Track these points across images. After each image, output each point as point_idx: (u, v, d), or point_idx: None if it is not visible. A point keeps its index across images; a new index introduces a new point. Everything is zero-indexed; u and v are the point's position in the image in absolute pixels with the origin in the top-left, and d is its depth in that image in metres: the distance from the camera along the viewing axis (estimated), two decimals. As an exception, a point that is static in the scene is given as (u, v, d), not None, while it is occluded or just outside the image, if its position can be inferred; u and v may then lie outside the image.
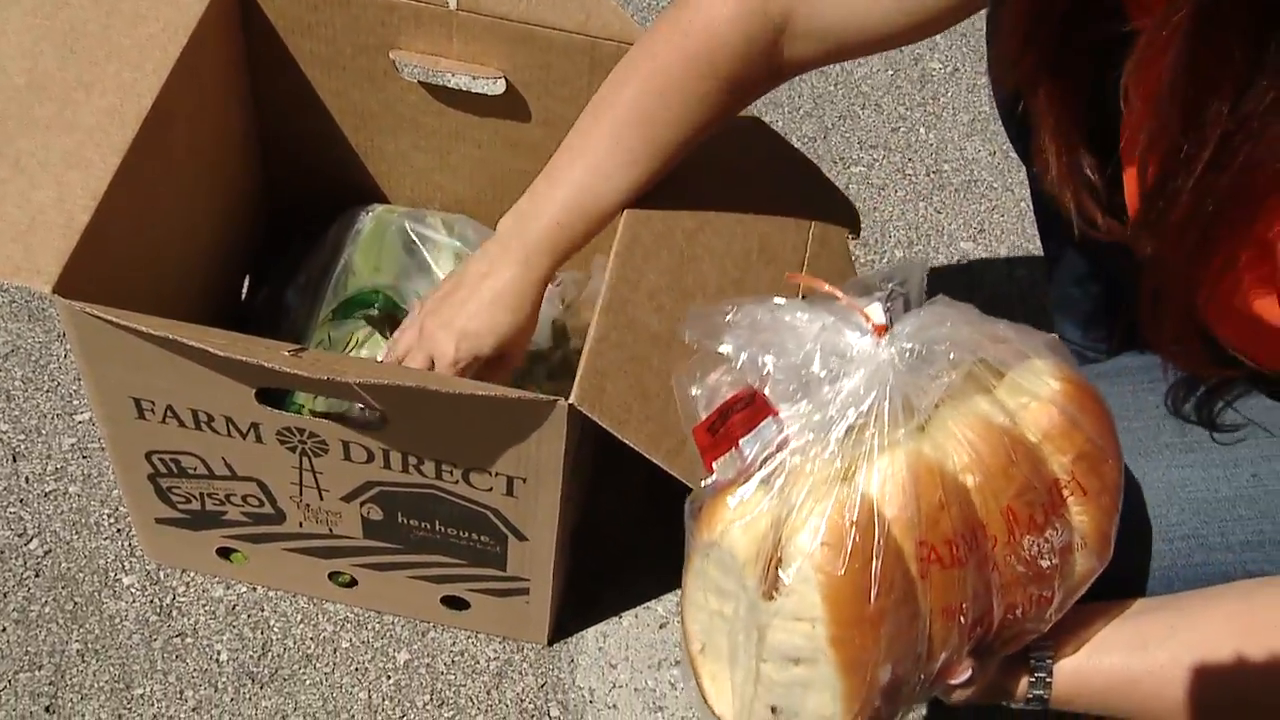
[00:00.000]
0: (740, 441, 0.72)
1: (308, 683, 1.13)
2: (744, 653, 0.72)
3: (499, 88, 1.12)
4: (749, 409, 0.72)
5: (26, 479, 1.21)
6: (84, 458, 1.23)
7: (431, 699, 1.13)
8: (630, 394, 0.91)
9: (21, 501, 1.20)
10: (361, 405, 0.89)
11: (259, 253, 1.29)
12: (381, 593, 1.13)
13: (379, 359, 1.05)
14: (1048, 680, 0.77)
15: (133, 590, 1.16)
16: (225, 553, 1.13)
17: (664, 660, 1.17)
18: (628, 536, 1.24)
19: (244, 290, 1.28)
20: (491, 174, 1.21)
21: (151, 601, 1.15)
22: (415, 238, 1.17)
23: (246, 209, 1.25)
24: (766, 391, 0.72)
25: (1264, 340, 0.76)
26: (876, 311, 0.71)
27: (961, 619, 0.70)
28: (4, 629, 1.13)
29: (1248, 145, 0.64)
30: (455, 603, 1.13)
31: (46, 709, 1.09)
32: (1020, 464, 0.71)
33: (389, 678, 1.14)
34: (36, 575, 1.16)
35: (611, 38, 1.06)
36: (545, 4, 1.05)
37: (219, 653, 1.14)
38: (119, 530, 1.19)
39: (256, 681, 1.12)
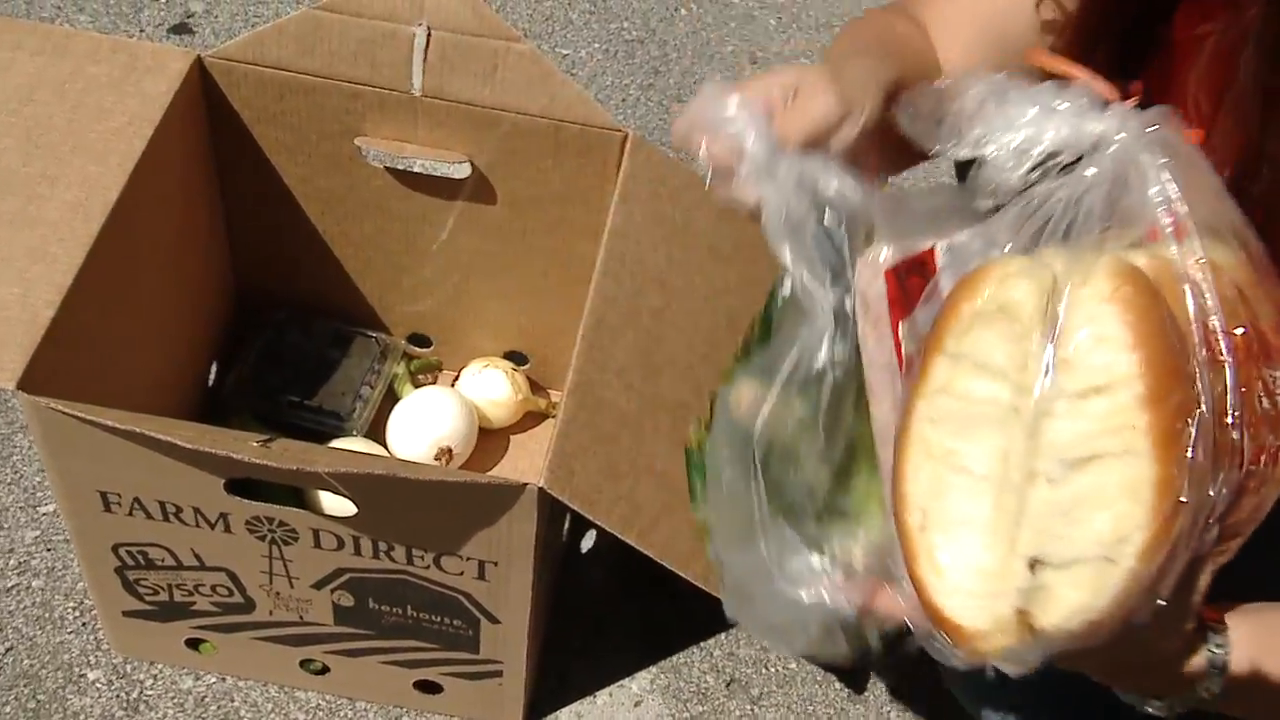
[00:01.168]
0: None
1: (279, 774, 1.11)
2: (996, 494, 0.59)
3: (464, 171, 1.13)
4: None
5: (-10, 573, 1.20)
6: (48, 550, 1.21)
7: (405, 787, 1.11)
8: (600, 475, 0.91)
9: (-15, 597, 1.18)
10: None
11: (227, 338, 1.29)
12: (353, 679, 1.12)
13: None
14: (1225, 658, 0.67)
15: (98, 685, 1.14)
16: (194, 643, 1.12)
17: (640, 741, 1.16)
18: (601, 610, 1.23)
19: (211, 375, 1.28)
20: (457, 255, 1.21)
21: (118, 696, 1.14)
22: None
23: (214, 295, 1.25)
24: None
25: None
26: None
27: (1243, 431, 0.58)
28: (-34, 728, 1.11)
29: None
30: (428, 687, 1.11)
31: (11, 810, 1.07)
32: (1250, 298, 0.61)
33: (362, 767, 1.12)
34: None
35: (575, 120, 1.07)
36: (509, 89, 1.06)
37: (188, 746, 1.12)
38: (84, 624, 1.17)
39: (227, 775, 1.11)
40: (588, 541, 1.27)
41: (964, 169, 0.84)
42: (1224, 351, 0.58)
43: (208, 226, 1.19)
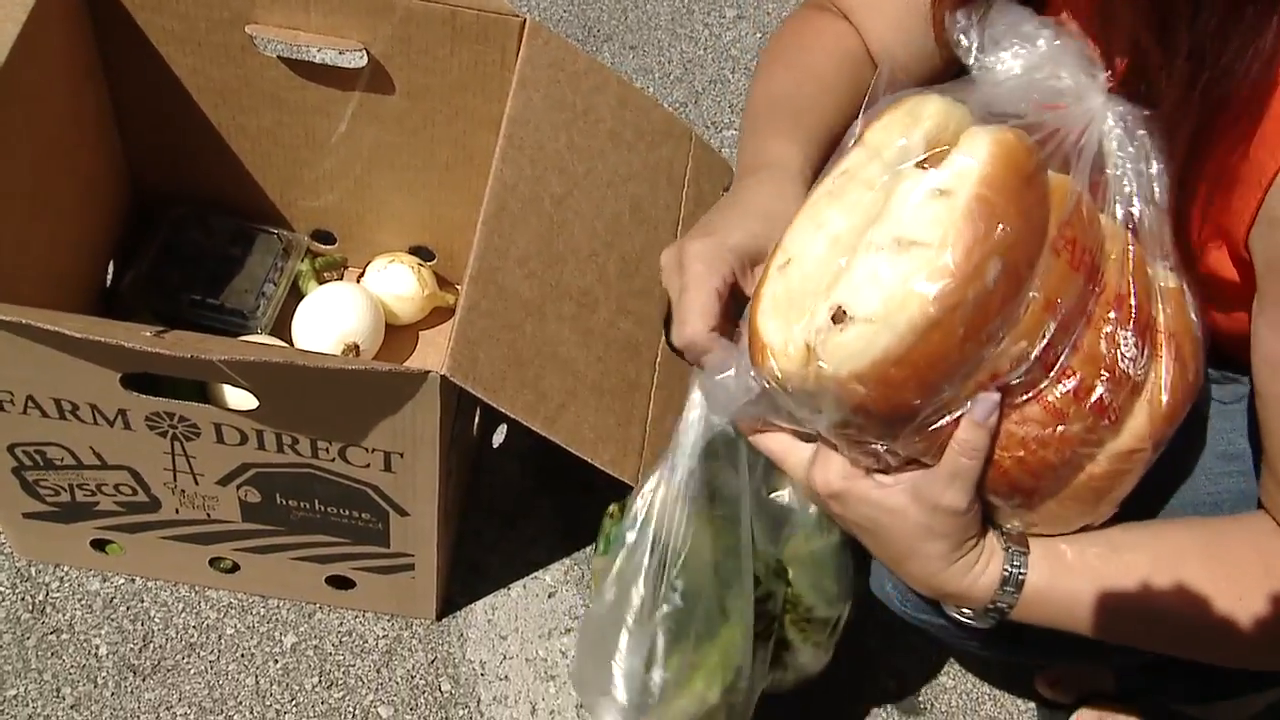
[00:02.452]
0: None
1: (192, 672, 1.11)
2: (838, 252, 0.70)
3: (360, 60, 1.10)
4: None
5: (-115, 481, 1.17)
6: (-55, 456, 1.18)
7: (320, 680, 1.12)
8: (504, 362, 0.90)
9: (-120, 504, 1.15)
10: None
11: (124, 236, 1.26)
12: (265, 576, 1.12)
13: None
14: (1020, 575, 0.75)
15: (2, 589, 1.13)
16: (100, 544, 1.10)
17: (554, 629, 1.17)
18: (513, 505, 1.23)
19: (109, 275, 1.25)
20: (357, 148, 1.19)
21: (23, 599, 1.12)
22: None
23: (107, 192, 1.21)
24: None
25: (1213, 296, 0.76)
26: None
27: (1049, 324, 0.68)
28: None
29: (1203, 75, 0.66)
30: (341, 582, 1.12)
31: (-82, 716, 1.06)
32: (1147, 275, 0.71)
33: (276, 662, 1.12)
34: (-100, 579, 1.12)
35: (471, 6, 1.05)
36: (403, -27, 1.04)
37: (97, 647, 1.11)
38: (-14, 528, 1.15)
39: (138, 674, 1.10)
40: (499, 437, 1.28)
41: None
42: (1080, 267, 0.67)
43: (96, 120, 1.16)
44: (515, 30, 1.06)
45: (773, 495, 0.90)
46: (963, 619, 0.78)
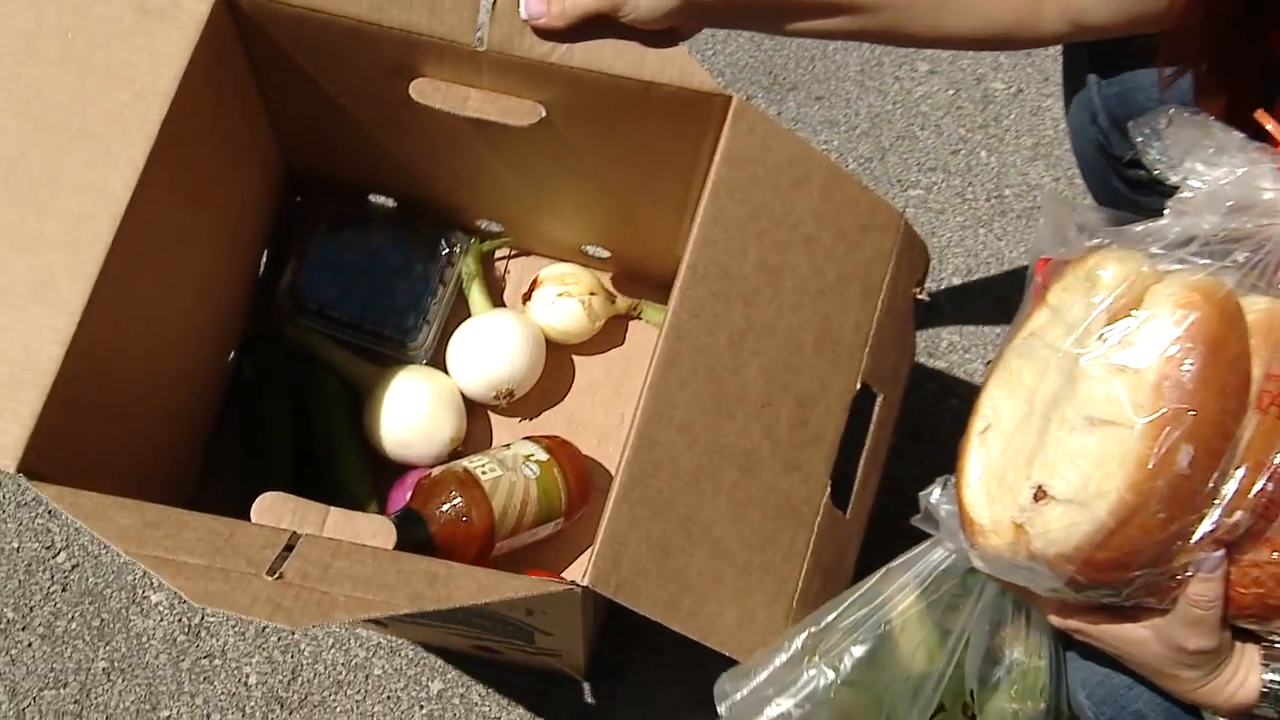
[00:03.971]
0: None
1: (338, 710, 1.12)
2: (1035, 421, 0.71)
3: (534, 118, 0.97)
4: None
5: (54, 475, 1.18)
6: (108, 464, 1.18)
7: (461, 733, 1.12)
8: (650, 555, 0.84)
9: (50, 513, 1.17)
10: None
11: (278, 221, 1.19)
12: (414, 634, 1.11)
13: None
14: None
15: (161, 608, 1.14)
16: (251, 586, 1.10)
17: (705, 699, 1.13)
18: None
19: (261, 265, 1.18)
20: (530, 174, 1.07)
21: (180, 620, 1.14)
22: None
23: (260, 182, 1.14)
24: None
25: None
26: None
27: (1265, 484, 0.66)
28: (30, 644, 1.13)
29: None
30: (489, 649, 1.09)
31: (81, 727, 1.11)
32: None
33: (422, 707, 1.13)
34: (64, 590, 1.14)
35: (670, 81, 0.90)
36: (593, 42, 0.89)
37: (248, 676, 1.13)
38: (146, 544, 1.16)
39: (286, 707, 1.12)
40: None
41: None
42: None
43: (250, 142, 1.07)
44: (718, 109, 0.91)
45: (989, 632, 0.87)
46: None
